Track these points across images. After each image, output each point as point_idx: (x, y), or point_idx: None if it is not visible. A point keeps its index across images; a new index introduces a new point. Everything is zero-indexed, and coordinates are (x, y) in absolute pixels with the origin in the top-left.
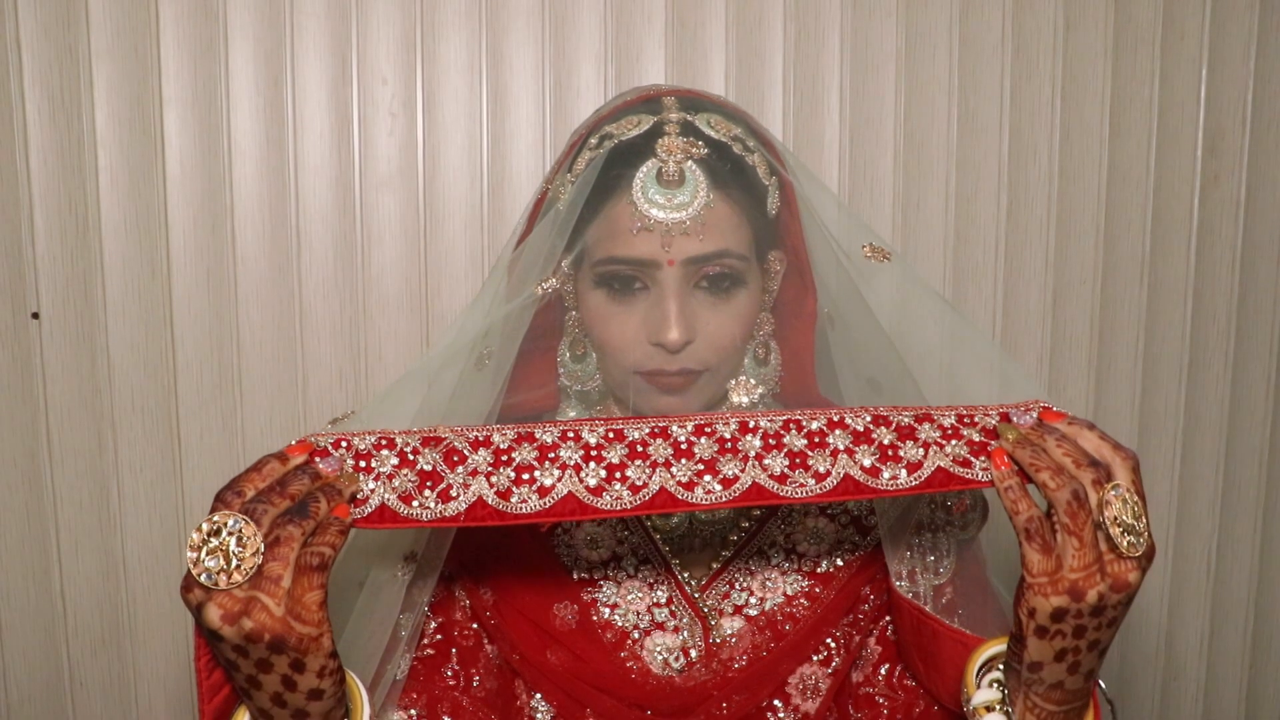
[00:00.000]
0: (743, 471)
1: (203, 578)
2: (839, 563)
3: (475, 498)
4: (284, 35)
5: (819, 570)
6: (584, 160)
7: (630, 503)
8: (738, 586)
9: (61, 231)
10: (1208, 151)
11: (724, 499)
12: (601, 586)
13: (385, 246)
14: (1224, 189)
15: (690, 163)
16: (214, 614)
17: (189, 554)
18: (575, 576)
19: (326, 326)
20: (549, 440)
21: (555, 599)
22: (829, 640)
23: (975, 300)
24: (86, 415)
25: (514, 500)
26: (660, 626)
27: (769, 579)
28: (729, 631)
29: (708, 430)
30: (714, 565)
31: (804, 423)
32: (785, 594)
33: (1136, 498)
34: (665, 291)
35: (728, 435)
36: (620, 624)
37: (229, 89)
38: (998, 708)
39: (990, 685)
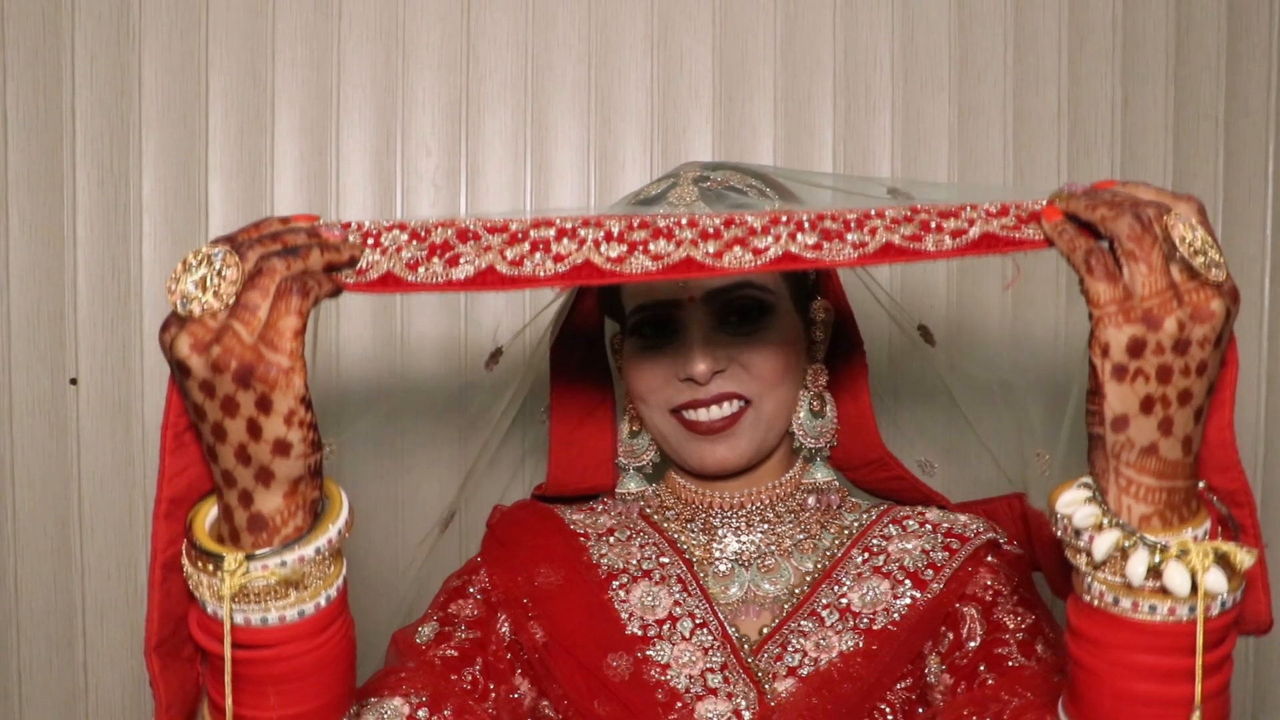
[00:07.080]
0: (775, 243)
1: (178, 304)
2: (896, 618)
3: (486, 265)
4: (330, 106)
5: (875, 628)
6: None
7: (653, 267)
8: (790, 648)
9: (104, 298)
10: (1277, 229)
11: (754, 264)
12: (655, 644)
13: (426, 318)
14: None
15: (699, 202)
16: (184, 342)
17: (169, 283)
18: (629, 631)
19: (361, 393)
20: (569, 226)
21: (609, 649)
22: (884, 706)
23: (1035, 386)
24: (119, 485)
25: (527, 266)
26: (713, 692)
27: (823, 639)
28: (783, 692)
29: (737, 221)
30: (764, 630)
31: (838, 213)
32: (840, 652)
33: (1204, 230)
34: (689, 329)
35: (758, 227)
36: (673, 684)
37: (274, 157)
38: (1087, 503)
39: (1077, 488)
